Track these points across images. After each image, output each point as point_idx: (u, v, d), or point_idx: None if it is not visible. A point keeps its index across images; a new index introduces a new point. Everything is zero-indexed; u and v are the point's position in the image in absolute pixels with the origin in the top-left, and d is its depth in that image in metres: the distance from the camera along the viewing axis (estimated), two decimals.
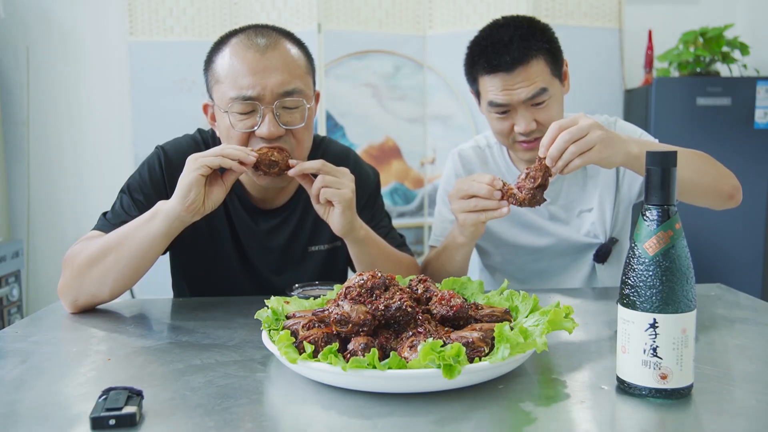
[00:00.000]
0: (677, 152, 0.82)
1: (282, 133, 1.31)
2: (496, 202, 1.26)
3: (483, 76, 1.49)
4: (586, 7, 3.05)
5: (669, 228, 0.80)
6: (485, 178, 1.28)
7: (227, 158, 1.21)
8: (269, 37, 1.32)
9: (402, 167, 3.15)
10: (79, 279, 1.27)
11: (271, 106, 1.29)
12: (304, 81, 1.34)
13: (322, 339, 0.88)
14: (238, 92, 1.28)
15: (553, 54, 1.49)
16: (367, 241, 1.37)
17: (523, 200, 1.23)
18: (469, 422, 0.76)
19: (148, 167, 1.43)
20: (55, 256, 3.41)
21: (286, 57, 1.32)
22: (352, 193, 1.28)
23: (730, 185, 1.39)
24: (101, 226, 1.36)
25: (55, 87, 3.37)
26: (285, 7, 3.00)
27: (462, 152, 1.74)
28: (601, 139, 1.19)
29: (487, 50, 1.47)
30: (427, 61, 3.12)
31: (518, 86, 1.45)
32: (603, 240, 1.63)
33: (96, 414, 0.75)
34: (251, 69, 1.28)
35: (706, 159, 1.40)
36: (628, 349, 0.82)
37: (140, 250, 1.24)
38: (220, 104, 1.32)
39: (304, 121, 1.33)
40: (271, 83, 1.28)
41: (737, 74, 3.18)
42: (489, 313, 0.98)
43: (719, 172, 1.39)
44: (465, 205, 1.29)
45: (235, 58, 1.29)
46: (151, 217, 1.24)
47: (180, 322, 1.25)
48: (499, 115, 1.50)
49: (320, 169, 1.27)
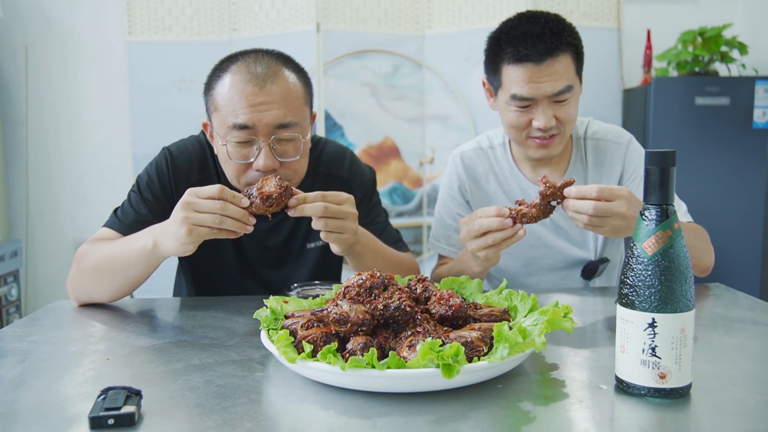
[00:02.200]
0: (675, 152, 0.82)
1: (277, 166, 1.32)
2: (511, 230, 1.23)
3: (508, 66, 1.47)
4: (585, 7, 3.05)
5: (668, 227, 0.80)
6: (490, 211, 1.25)
7: (224, 230, 1.16)
8: (269, 67, 1.32)
9: (401, 167, 3.15)
10: (81, 282, 1.33)
11: (267, 139, 1.30)
12: (301, 113, 1.34)
13: (320, 338, 0.88)
14: (235, 122, 1.29)
15: (578, 53, 1.50)
16: (363, 253, 1.37)
17: (537, 216, 1.22)
18: (468, 422, 0.76)
19: (156, 168, 1.46)
20: (54, 256, 3.41)
21: (285, 89, 1.32)
22: (353, 234, 1.26)
23: (706, 263, 1.46)
24: (112, 223, 1.41)
25: (53, 86, 3.37)
26: (284, 7, 3.00)
27: (464, 154, 1.70)
28: (616, 228, 1.20)
29: (517, 39, 1.45)
30: (425, 60, 3.12)
31: (545, 80, 1.44)
32: (593, 257, 1.63)
33: (95, 413, 0.75)
34: (249, 102, 1.28)
35: (697, 234, 1.44)
36: (627, 348, 0.82)
37: (135, 274, 1.28)
38: (218, 132, 1.34)
39: (298, 153, 1.34)
40: (267, 117, 1.29)
41: (736, 74, 3.18)
42: (488, 312, 0.98)
43: (704, 249, 1.44)
44: (482, 243, 1.25)
45: (234, 90, 1.30)
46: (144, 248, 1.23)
47: (179, 321, 1.25)
48: (519, 109, 1.48)
49: (323, 215, 1.21)
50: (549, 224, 1.63)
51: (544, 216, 1.23)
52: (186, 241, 1.15)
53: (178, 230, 1.14)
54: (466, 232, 1.28)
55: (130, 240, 1.28)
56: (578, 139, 1.64)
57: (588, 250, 1.63)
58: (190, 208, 1.13)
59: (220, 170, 1.48)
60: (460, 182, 1.68)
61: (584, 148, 1.63)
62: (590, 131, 1.64)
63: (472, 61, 3.02)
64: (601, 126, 1.66)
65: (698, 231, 1.46)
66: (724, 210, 3.03)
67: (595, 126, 1.66)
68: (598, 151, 1.62)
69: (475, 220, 1.26)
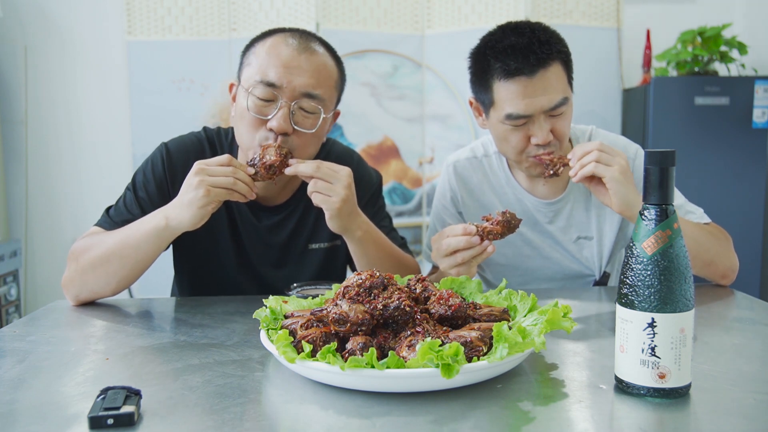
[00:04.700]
0: (674, 152, 0.82)
1: (290, 131, 1.33)
2: (479, 247, 1.23)
3: (499, 82, 1.40)
4: (585, 7, 3.05)
5: (667, 227, 0.80)
6: (457, 230, 1.24)
7: (236, 192, 1.25)
8: (310, 42, 1.38)
9: (400, 167, 3.15)
10: (82, 277, 1.31)
11: (290, 102, 1.32)
12: (329, 92, 1.38)
13: (320, 338, 0.88)
14: (264, 77, 1.32)
15: (567, 62, 1.44)
16: (364, 241, 1.37)
17: (503, 232, 1.22)
18: (467, 422, 0.76)
19: (151, 164, 1.46)
20: (53, 256, 3.41)
21: (319, 63, 1.36)
22: (342, 201, 1.27)
23: (725, 266, 1.41)
24: (103, 222, 1.41)
25: (53, 86, 3.37)
26: (283, 6, 3.00)
27: (457, 164, 1.65)
28: (623, 169, 1.28)
29: (505, 53, 1.38)
30: (425, 60, 3.12)
31: (539, 93, 1.37)
32: (597, 275, 1.59)
33: (94, 413, 0.74)
34: (284, 63, 1.32)
35: (712, 235, 1.40)
36: (627, 348, 0.82)
37: (145, 257, 1.30)
38: (244, 84, 1.35)
39: (315, 128, 1.36)
40: (296, 81, 1.32)
41: (735, 74, 3.19)
42: (487, 312, 0.98)
43: (720, 250, 1.40)
44: (452, 261, 1.25)
45: (273, 50, 1.34)
46: (156, 227, 1.25)
47: (178, 321, 1.25)
48: (514, 127, 1.42)
49: (313, 174, 1.27)
50: (546, 237, 1.59)
51: (510, 232, 1.23)
52: (204, 203, 1.20)
53: (195, 194, 1.20)
54: (436, 250, 1.28)
55: (136, 224, 1.29)
56: None
57: (583, 264, 1.59)
58: (204, 173, 1.22)
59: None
60: (453, 193, 1.65)
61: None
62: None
63: None
64: (606, 137, 1.58)
65: (714, 233, 1.41)
66: (723, 210, 3.03)
67: (600, 136, 1.58)
68: None
69: (443, 239, 1.25)
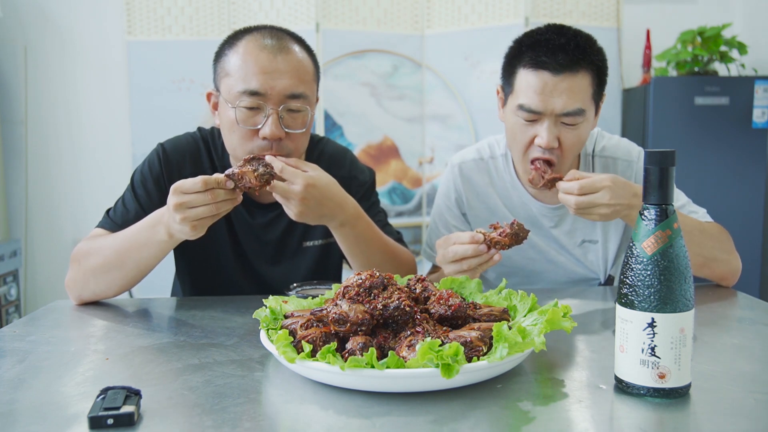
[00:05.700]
0: (674, 152, 0.82)
1: (283, 136, 1.34)
2: (486, 255, 1.23)
3: (524, 70, 1.39)
4: (584, 7, 3.05)
5: (667, 227, 0.80)
6: (464, 237, 1.24)
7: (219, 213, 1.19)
8: (282, 40, 1.36)
9: (400, 167, 3.15)
10: (84, 280, 1.33)
11: (276, 107, 1.32)
12: (310, 87, 1.38)
13: (320, 338, 0.88)
14: (247, 88, 1.31)
15: (600, 77, 1.41)
16: (348, 235, 1.37)
17: (510, 243, 1.22)
18: (467, 421, 0.76)
19: (148, 164, 1.48)
20: (53, 256, 3.41)
21: (297, 62, 1.35)
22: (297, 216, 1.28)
23: (724, 269, 1.41)
24: (104, 223, 1.43)
25: (53, 86, 3.37)
26: (283, 7, 3.00)
27: (463, 165, 1.63)
28: (604, 215, 1.28)
29: (538, 44, 1.37)
30: (425, 60, 3.12)
31: (556, 95, 1.35)
32: (602, 279, 1.59)
33: (94, 413, 0.74)
34: (262, 68, 1.31)
35: (713, 235, 1.39)
36: (627, 348, 0.82)
37: (147, 264, 1.32)
38: (227, 97, 1.35)
39: (305, 126, 1.37)
40: (279, 85, 1.32)
41: (735, 74, 3.19)
42: (487, 312, 0.98)
43: (720, 251, 1.40)
44: (457, 268, 1.25)
45: (248, 56, 1.33)
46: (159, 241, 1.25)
47: (178, 321, 1.25)
48: (524, 122, 1.41)
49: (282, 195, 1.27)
50: (551, 241, 1.59)
51: (517, 243, 1.23)
52: (193, 234, 1.20)
53: (182, 228, 1.19)
54: (442, 256, 1.28)
55: (137, 231, 1.28)
56: (586, 156, 1.57)
57: (588, 268, 1.59)
58: (184, 207, 1.16)
59: (214, 164, 1.49)
60: (458, 194, 1.64)
61: (592, 166, 1.57)
62: (599, 147, 1.57)
63: (471, 60, 3.02)
64: (610, 141, 1.58)
65: (713, 232, 1.40)
66: (723, 210, 3.02)
67: (604, 141, 1.58)
68: (606, 170, 1.54)
69: (450, 246, 1.25)
